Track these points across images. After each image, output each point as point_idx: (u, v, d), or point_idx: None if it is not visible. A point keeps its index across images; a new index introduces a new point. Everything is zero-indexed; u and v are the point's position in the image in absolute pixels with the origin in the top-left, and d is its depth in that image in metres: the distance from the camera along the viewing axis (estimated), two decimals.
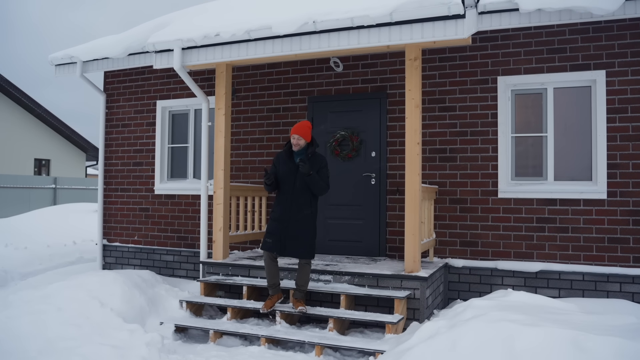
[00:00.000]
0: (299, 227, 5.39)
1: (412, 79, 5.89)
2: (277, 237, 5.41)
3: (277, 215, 5.48)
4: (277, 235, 5.41)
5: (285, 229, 5.39)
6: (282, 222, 5.41)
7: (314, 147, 5.50)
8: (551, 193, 6.48)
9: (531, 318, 3.64)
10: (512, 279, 6.56)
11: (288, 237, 5.38)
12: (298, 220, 5.39)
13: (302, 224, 5.41)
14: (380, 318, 5.33)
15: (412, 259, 5.81)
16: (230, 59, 6.17)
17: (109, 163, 9.06)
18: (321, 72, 7.63)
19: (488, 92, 6.79)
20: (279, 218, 5.45)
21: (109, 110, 9.10)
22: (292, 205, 5.40)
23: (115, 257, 8.95)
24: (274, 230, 5.45)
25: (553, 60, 6.53)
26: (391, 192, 7.19)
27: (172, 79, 8.60)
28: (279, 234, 5.41)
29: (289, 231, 5.38)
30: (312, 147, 5.49)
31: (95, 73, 8.67)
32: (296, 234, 5.38)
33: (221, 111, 6.76)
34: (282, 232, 5.39)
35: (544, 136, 6.63)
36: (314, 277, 6.14)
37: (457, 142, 6.90)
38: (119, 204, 8.98)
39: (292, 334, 5.33)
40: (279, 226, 5.42)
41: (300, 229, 5.40)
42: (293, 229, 5.38)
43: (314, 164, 5.43)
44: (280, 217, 5.44)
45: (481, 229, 6.75)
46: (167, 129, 8.72)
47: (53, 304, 5.43)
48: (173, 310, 6.11)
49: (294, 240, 5.38)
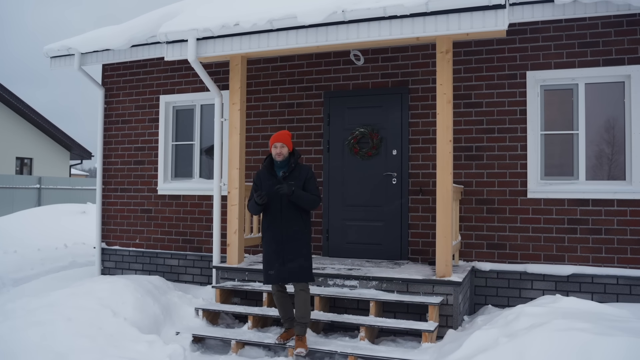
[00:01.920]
0: (295, 249, 4.92)
1: (443, 72, 5.71)
2: (277, 266, 4.92)
3: (269, 240, 5.00)
4: (277, 264, 4.93)
5: (282, 253, 4.91)
6: (277, 247, 4.93)
7: (296, 157, 5.09)
8: (583, 193, 6.34)
9: (598, 326, 3.47)
10: (543, 283, 6.41)
11: (286, 262, 4.90)
12: (292, 241, 4.94)
13: (297, 245, 4.94)
14: (415, 326, 5.13)
15: (444, 263, 5.63)
16: (249, 50, 5.92)
17: (108, 162, 8.74)
18: (338, 65, 7.41)
19: (516, 87, 6.63)
20: (272, 243, 4.97)
21: (108, 106, 8.77)
22: (284, 226, 4.93)
23: (114, 261, 8.63)
24: (271, 258, 4.97)
25: (585, 55, 6.40)
26: (414, 192, 7.00)
27: (177, 73, 8.32)
28: (277, 262, 4.93)
29: (286, 255, 4.91)
30: (294, 158, 5.05)
31: (92, 66, 8.37)
32: (293, 257, 4.91)
33: (236, 106, 6.51)
34: (280, 259, 4.92)
35: (575, 134, 6.48)
36: (339, 283, 5.92)
37: (483, 140, 6.73)
38: (118, 205, 8.66)
39: (321, 344, 5.10)
40: (275, 253, 4.94)
41: (297, 250, 4.93)
42: (289, 252, 4.91)
43: (299, 176, 4.98)
44: (274, 241, 4.95)
45: (509, 231, 6.59)
46: (171, 125, 8.43)
47: (61, 313, 5.13)
48: (188, 318, 5.84)
49: (292, 264, 4.90)
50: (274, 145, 5.01)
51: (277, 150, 4.99)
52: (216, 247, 6.84)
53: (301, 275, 4.92)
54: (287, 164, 5.02)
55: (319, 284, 6.01)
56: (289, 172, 4.98)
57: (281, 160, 4.99)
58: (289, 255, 4.90)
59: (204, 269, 7.97)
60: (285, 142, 4.99)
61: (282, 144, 4.99)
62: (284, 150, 5.00)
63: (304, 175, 5.00)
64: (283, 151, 4.99)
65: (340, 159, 7.33)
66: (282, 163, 5.01)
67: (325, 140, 7.42)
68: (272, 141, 5.02)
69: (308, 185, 4.98)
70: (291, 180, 4.94)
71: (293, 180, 4.93)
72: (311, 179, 5.01)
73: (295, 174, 4.99)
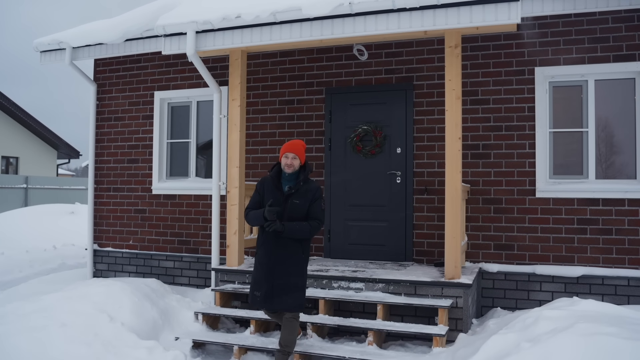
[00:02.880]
0: (287, 272, 4.49)
1: (452, 68, 5.59)
2: (265, 290, 4.49)
3: (262, 259, 4.58)
4: (265, 286, 4.49)
5: (272, 275, 4.49)
6: (269, 267, 4.50)
7: (308, 171, 4.61)
8: (593, 192, 6.25)
9: (625, 331, 3.36)
10: (552, 285, 6.31)
11: (275, 285, 4.47)
12: (286, 264, 4.50)
13: (291, 269, 4.51)
14: (426, 330, 5.00)
15: (453, 265, 5.51)
16: (251, 43, 5.75)
17: (101, 160, 8.53)
18: (340, 61, 7.27)
19: (524, 83, 6.53)
20: (264, 263, 4.54)
21: (100, 102, 8.56)
22: (279, 246, 4.49)
23: (107, 263, 8.43)
24: (260, 278, 4.54)
25: (595, 51, 6.31)
26: (418, 192, 6.87)
27: (172, 68, 8.14)
28: (265, 285, 4.49)
29: (276, 278, 4.48)
30: (304, 173, 4.59)
31: (84, 61, 8.19)
32: (284, 281, 4.48)
33: (236, 102, 6.35)
34: (270, 281, 4.48)
35: (585, 131, 6.40)
36: (344, 285, 5.78)
37: (490, 138, 6.63)
38: (111, 205, 8.46)
39: (328, 349, 4.96)
40: (265, 275, 4.50)
41: (289, 275, 4.50)
42: (280, 275, 4.48)
43: (306, 194, 4.53)
44: (265, 262, 4.53)
45: (517, 231, 6.49)
46: (166, 122, 8.24)
47: (55, 318, 4.95)
48: (187, 323, 5.68)
49: (281, 290, 4.47)
50: (285, 155, 4.57)
51: (288, 162, 4.55)
52: (215, 248, 6.67)
53: (292, 304, 4.51)
54: (296, 177, 4.58)
55: (322, 287, 5.87)
56: (296, 188, 4.53)
57: (290, 173, 4.57)
58: (280, 281, 4.47)
59: (201, 271, 7.79)
60: (298, 154, 4.57)
61: (295, 155, 4.56)
62: (296, 162, 4.56)
63: (311, 194, 4.55)
64: (294, 163, 4.55)
65: (342, 157, 7.19)
66: (291, 176, 4.58)
67: (327, 138, 7.28)
68: (284, 150, 4.59)
69: (313, 208, 4.53)
70: (297, 198, 4.51)
71: (299, 199, 4.51)
72: (318, 201, 4.56)
73: (302, 192, 4.54)
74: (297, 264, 4.55)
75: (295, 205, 4.48)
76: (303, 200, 4.51)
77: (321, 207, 4.58)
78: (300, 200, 4.50)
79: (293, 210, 4.50)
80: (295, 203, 4.48)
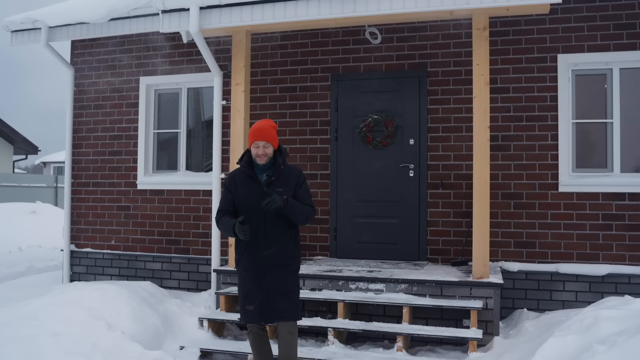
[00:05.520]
0: (282, 278, 3.88)
1: (480, 51, 5.40)
2: (259, 300, 3.84)
3: (248, 267, 3.91)
4: (258, 298, 3.85)
5: (265, 285, 3.85)
6: (260, 276, 3.85)
7: (284, 155, 3.98)
8: (619, 186, 6.13)
9: None
10: (575, 284, 6.16)
11: (271, 295, 3.84)
12: (279, 268, 3.87)
13: (285, 273, 3.90)
14: (460, 334, 4.77)
15: (482, 263, 5.30)
16: (262, 21, 5.40)
17: (79, 152, 8.00)
18: (347, 45, 6.97)
19: (546, 71, 6.37)
20: (252, 271, 3.89)
21: (78, 89, 8.03)
22: (267, 247, 3.85)
23: (85, 265, 7.91)
24: (250, 290, 3.89)
25: (620, 37, 6.20)
26: (433, 186, 6.64)
27: (160, 51, 7.69)
28: (259, 296, 3.85)
29: (271, 287, 3.85)
30: (280, 158, 3.94)
31: (61, 42, 7.66)
32: (280, 289, 3.85)
33: (239, 87, 5.99)
34: (262, 292, 3.84)
35: (609, 122, 6.28)
36: (362, 286, 5.49)
37: (510, 129, 6.45)
38: (90, 201, 7.94)
39: (353, 357, 4.68)
40: (255, 284, 3.87)
41: (285, 281, 3.89)
42: (275, 282, 3.85)
43: (287, 180, 3.92)
44: (254, 269, 3.88)
45: (539, 228, 6.32)
46: (152, 111, 7.78)
47: (45, 327, 4.49)
48: (190, 330, 5.29)
49: (280, 299, 3.84)
50: (254, 144, 3.87)
51: (260, 151, 3.86)
52: (215, 248, 6.28)
53: (290, 312, 3.88)
54: (272, 165, 3.93)
55: (338, 288, 5.56)
56: (277, 174, 3.89)
57: (265, 163, 3.91)
58: (275, 286, 3.85)
59: (193, 273, 7.38)
60: (269, 140, 3.86)
61: (266, 143, 3.86)
62: (269, 150, 3.88)
63: (294, 179, 3.94)
64: (267, 151, 3.88)
65: (350, 149, 6.89)
66: (266, 165, 3.91)
67: (333, 128, 6.97)
68: (252, 138, 3.87)
69: (300, 194, 3.93)
70: (278, 186, 3.85)
71: (282, 186, 3.86)
72: (303, 185, 3.98)
73: (283, 178, 3.91)
74: (290, 265, 3.94)
75: (280, 194, 3.76)
76: (287, 187, 3.87)
77: (309, 192, 4.03)
78: (284, 188, 3.85)
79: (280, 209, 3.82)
80: (279, 192, 3.78)
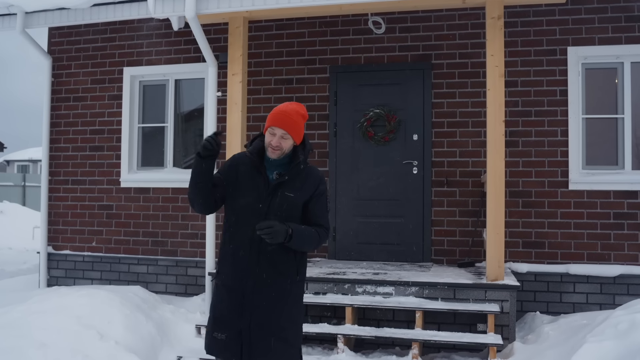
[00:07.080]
0: (276, 307, 2.81)
1: (495, 42, 5.21)
2: (237, 329, 2.78)
3: (230, 281, 2.86)
4: (235, 325, 2.79)
5: (248, 311, 2.78)
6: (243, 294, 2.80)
7: (307, 153, 2.96)
8: (630, 184, 6.03)
9: None
10: (586, 286, 6.03)
11: (254, 328, 2.77)
12: (275, 292, 2.82)
13: (282, 301, 2.84)
14: (479, 339, 4.58)
15: (497, 264, 5.11)
16: (264, 6, 5.13)
17: (57, 147, 7.57)
18: (347, 35, 6.73)
19: (556, 64, 6.23)
20: (234, 287, 2.84)
21: (56, 80, 7.60)
22: (260, 263, 2.81)
23: (64, 269, 7.50)
24: (226, 314, 2.83)
25: (632, 30, 6.09)
26: (437, 184, 6.45)
27: (146, 40, 7.33)
28: (237, 322, 2.79)
29: (256, 317, 2.78)
30: (302, 155, 2.92)
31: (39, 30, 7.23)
32: (271, 324, 2.79)
33: (236, 77, 5.70)
34: (244, 319, 2.78)
35: (620, 118, 6.17)
36: (369, 290, 5.26)
37: (519, 124, 6.28)
38: (69, 200, 7.53)
39: None
40: (236, 307, 2.81)
41: (279, 312, 2.82)
42: (264, 311, 2.79)
43: (303, 185, 2.91)
44: (237, 284, 2.82)
45: (548, 227, 6.18)
46: (137, 103, 7.41)
47: (30, 337, 4.14)
48: (187, 338, 4.98)
49: (264, 337, 2.77)
50: (270, 129, 2.86)
51: (275, 142, 2.84)
52: (210, 249, 5.99)
53: (285, 357, 2.85)
54: (287, 162, 2.92)
55: (344, 292, 5.32)
56: (291, 175, 2.89)
57: (279, 157, 2.89)
58: (265, 318, 2.78)
59: (181, 276, 7.05)
60: (292, 130, 2.84)
61: (285, 133, 2.83)
62: (286, 143, 2.86)
63: (311, 186, 2.92)
64: (284, 145, 2.86)
65: (350, 144, 6.65)
66: (280, 161, 2.91)
67: (332, 123, 6.72)
68: (270, 121, 2.86)
69: (316, 206, 2.94)
70: (290, 188, 2.88)
71: (293, 191, 2.88)
72: (322, 197, 2.97)
73: (298, 182, 2.90)
74: (289, 292, 2.87)
75: (288, 200, 2.85)
76: (300, 193, 2.88)
77: (327, 206, 3.03)
78: (295, 194, 2.87)
79: (283, 207, 2.85)
80: (289, 197, 2.85)
